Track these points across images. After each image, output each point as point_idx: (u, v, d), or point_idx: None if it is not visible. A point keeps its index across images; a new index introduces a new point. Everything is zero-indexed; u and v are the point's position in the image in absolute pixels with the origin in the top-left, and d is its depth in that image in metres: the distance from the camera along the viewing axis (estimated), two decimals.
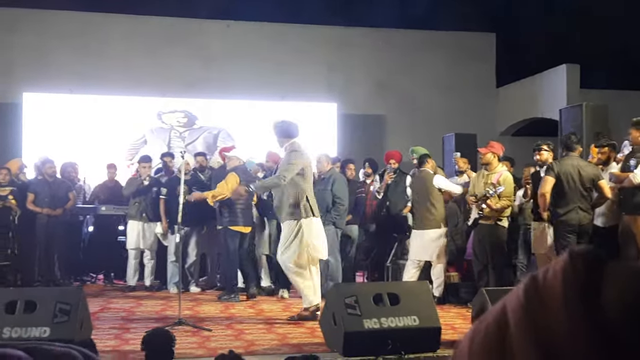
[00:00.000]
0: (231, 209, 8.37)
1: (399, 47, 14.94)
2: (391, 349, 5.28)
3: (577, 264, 0.55)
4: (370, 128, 14.60)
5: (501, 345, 0.57)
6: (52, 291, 6.02)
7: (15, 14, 13.57)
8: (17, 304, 5.13)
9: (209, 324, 6.87)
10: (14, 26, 13.42)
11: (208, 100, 13.92)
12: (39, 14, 13.71)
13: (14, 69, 13.30)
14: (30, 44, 13.42)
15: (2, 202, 9.15)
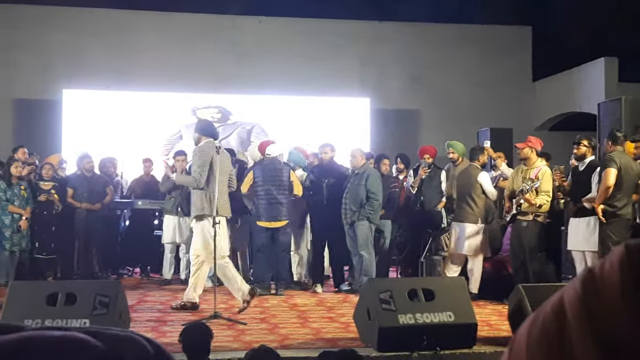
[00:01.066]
0: (257, 205, 8.50)
1: (433, 41, 14.84)
2: (426, 344, 5.27)
3: (635, 256, 0.56)
4: (404, 123, 14.54)
5: (559, 336, 0.58)
6: (92, 284, 6.12)
7: (54, 12, 13.79)
8: (58, 296, 5.24)
9: (244, 317, 6.91)
10: (53, 24, 13.65)
11: (241, 96, 14.00)
12: (76, 11, 13.92)
13: (53, 67, 13.52)
14: (69, 42, 13.64)
15: (46, 196, 9.33)
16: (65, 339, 0.69)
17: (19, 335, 0.68)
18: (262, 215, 8.53)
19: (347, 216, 8.52)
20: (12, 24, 13.58)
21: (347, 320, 6.57)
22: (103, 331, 0.72)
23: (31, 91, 13.48)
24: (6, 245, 8.83)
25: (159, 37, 13.99)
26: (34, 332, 0.70)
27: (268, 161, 8.64)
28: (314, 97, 13.96)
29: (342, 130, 13.31)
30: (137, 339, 0.72)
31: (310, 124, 13.51)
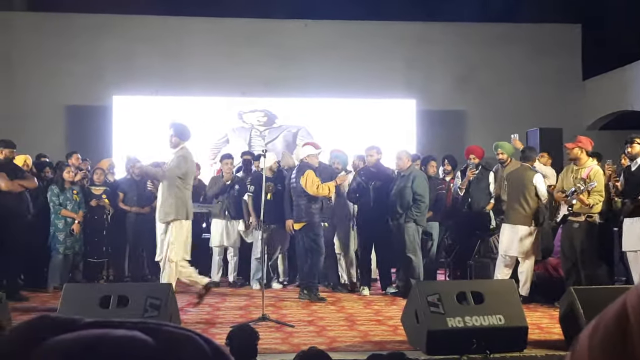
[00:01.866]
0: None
1: (479, 41, 14.69)
2: (476, 348, 5.22)
3: None
4: (450, 124, 14.42)
5: (622, 339, 0.59)
6: (143, 286, 6.23)
7: (105, 20, 14.08)
8: (111, 298, 5.34)
9: (291, 320, 6.94)
10: (103, 32, 13.93)
11: (287, 99, 14.07)
12: (126, 19, 14.19)
13: (104, 73, 13.79)
14: (119, 49, 13.90)
15: (97, 201, 9.53)
16: (125, 338, 0.70)
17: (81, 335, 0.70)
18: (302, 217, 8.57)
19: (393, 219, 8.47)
20: (63, 32, 13.91)
21: (395, 323, 6.54)
22: (159, 328, 0.73)
23: (82, 98, 13.77)
24: (60, 248, 9.04)
25: (207, 42, 14.16)
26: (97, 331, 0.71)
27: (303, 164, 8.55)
28: (360, 100, 13.94)
29: (388, 132, 13.26)
30: (195, 339, 0.73)
31: (356, 127, 13.49)
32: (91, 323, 0.73)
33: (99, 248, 9.56)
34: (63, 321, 0.73)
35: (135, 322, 0.74)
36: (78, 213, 9.16)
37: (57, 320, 0.73)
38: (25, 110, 13.49)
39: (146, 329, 0.72)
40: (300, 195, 8.33)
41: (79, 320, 0.74)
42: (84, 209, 9.33)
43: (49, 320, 0.73)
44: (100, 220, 9.58)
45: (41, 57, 13.77)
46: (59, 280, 8.88)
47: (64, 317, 0.74)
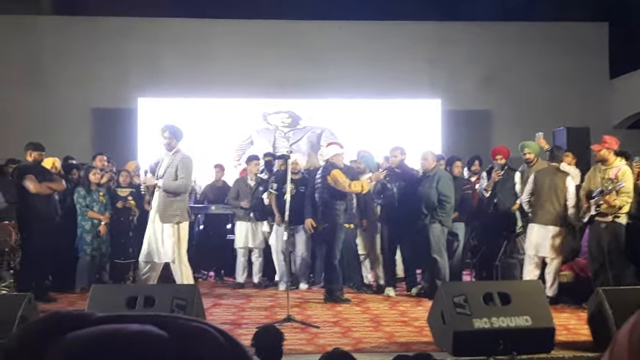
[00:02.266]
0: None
1: (505, 40, 14.59)
2: (503, 349, 5.18)
3: None
4: (476, 124, 14.34)
5: None
6: (169, 287, 6.26)
7: (130, 23, 14.21)
8: (137, 299, 5.38)
9: (317, 321, 6.95)
10: (128, 35, 14.06)
11: (311, 100, 14.09)
12: (151, 22, 14.30)
13: (129, 76, 13.93)
14: (143, 51, 14.02)
15: (123, 203, 9.60)
16: (140, 333, 0.70)
17: (97, 330, 0.70)
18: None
19: (419, 219, 8.44)
20: (90, 36, 14.06)
21: (421, 324, 6.52)
22: (173, 321, 0.73)
23: (108, 100, 13.91)
24: (87, 250, 9.13)
25: (231, 44, 14.23)
26: (112, 326, 0.72)
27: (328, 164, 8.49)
28: (384, 100, 13.91)
29: (413, 133, 13.22)
30: (209, 330, 0.73)
31: (381, 127, 13.47)
32: (103, 318, 0.74)
33: (125, 249, 9.61)
34: (76, 316, 0.74)
35: (149, 316, 0.74)
36: (104, 215, 9.24)
37: (71, 316, 0.74)
38: (53, 113, 13.67)
39: (159, 322, 0.73)
40: (325, 196, 8.30)
41: (91, 315, 0.74)
42: (110, 210, 9.41)
43: (63, 315, 0.74)
44: (127, 222, 9.64)
45: (68, 61, 13.94)
46: (86, 281, 8.97)
47: (77, 312, 0.75)
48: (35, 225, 8.12)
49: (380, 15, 14.18)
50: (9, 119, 13.38)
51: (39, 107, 13.64)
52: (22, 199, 8.22)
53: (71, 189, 9.27)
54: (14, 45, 13.92)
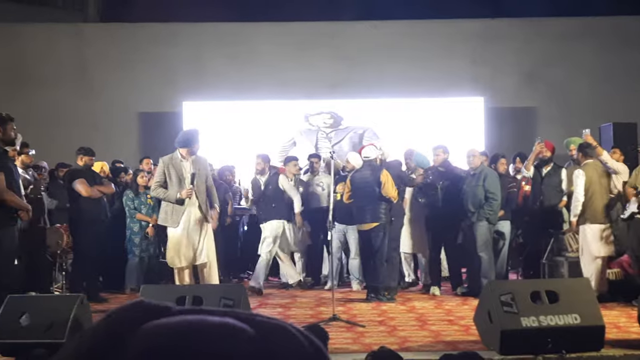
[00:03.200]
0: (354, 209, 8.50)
1: (550, 36, 14.39)
2: (551, 347, 5.14)
3: None
4: (520, 121, 14.17)
5: None
6: (217, 287, 6.36)
7: (174, 28, 14.44)
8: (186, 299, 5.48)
9: (362, 320, 6.97)
10: (173, 40, 14.28)
11: (353, 101, 14.09)
12: (195, 26, 14.50)
13: (175, 80, 14.14)
14: (188, 56, 14.22)
15: None
16: (223, 325, 0.71)
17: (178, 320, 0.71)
18: (354, 219, 8.55)
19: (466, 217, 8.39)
20: (135, 42, 14.33)
21: (468, 323, 6.49)
22: (252, 318, 0.73)
23: (154, 105, 14.14)
24: (136, 251, 9.31)
25: (274, 46, 14.33)
26: (193, 317, 0.72)
27: (365, 165, 8.51)
28: (426, 99, 13.85)
29: (456, 131, 13.14)
30: (289, 329, 0.74)
31: (423, 126, 13.42)
32: (183, 310, 0.73)
33: None
34: (157, 307, 0.73)
35: (226, 311, 0.74)
36: (152, 217, 9.41)
37: (152, 306, 0.74)
38: (101, 118, 13.95)
39: (238, 317, 0.72)
40: (369, 196, 8.29)
41: (172, 307, 0.74)
42: (157, 212, 9.57)
43: (144, 305, 0.74)
44: None
45: (115, 67, 14.21)
46: (135, 282, 9.16)
47: (158, 303, 0.75)
48: (85, 228, 8.32)
49: (422, 14, 14.14)
50: (59, 124, 13.71)
51: (88, 112, 13.94)
52: (73, 202, 8.44)
53: (119, 192, 9.47)
54: (64, 53, 14.26)
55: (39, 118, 13.26)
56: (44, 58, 14.18)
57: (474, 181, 8.38)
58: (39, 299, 5.89)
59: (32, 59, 14.18)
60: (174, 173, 7.13)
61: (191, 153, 7.26)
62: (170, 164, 7.20)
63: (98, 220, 8.50)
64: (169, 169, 7.17)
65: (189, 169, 7.17)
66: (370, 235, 8.26)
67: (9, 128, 6.13)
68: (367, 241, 8.33)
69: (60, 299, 6.11)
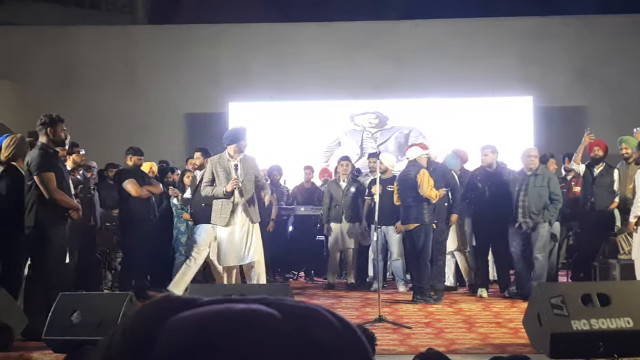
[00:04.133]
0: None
1: (602, 33, 14.08)
2: (603, 352, 5.01)
3: None
4: (570, 120, 13.90)
5: None
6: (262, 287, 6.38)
7: (221, 29, 14.57)
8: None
9: (408, 321, 6.91)
10: (219, 41, 14.42)
11: (399, 100, 14.02)
12: (240, 27, 14.61)
13: (220, 81, 14.27)
14: (234, 56, 14.34)
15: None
16: (251, 312, 0.71)
17: (205, 310, 0.72)
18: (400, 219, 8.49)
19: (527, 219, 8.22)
20: (182, 43, 14.50)
21: (516, 326, 6.39)
22: (282, 302, 0.73)
23: (200, 105, 14.30)
24: (182, 250, 9.39)
25: (318, 46, 14.35)
26: (219, 306, 0.72)
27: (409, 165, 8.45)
28: (473, 98, 13.70)
29: (504, 131, 12.97)
30: (323, 313, 0.73)
31: (470, 126, 13.28)
32: (212, 301, 0.74)
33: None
34: (185, 299, 0.75)
35: (257, 299, 0.74)
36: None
37: (181, 299, 0.75)
38: (149, 119, 14.16)
39: (269, 303, 0.73)
40: (411, 196, 8.24)
41: (199, 299, 0.75)
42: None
43: (173, 299, 0.75)
44: None
45: (163, 68, 14.41)
46: None
47: (186, 296, 0.76)
48: (134, 228, 8.43)
49: (469, 12, 14.00)
50: (107, 124, 13.95)
51: (135, 113, 14.16)
52: (123, 202, 8.55)
53: (167, 192, 9.57)
54: (112, 54, 14.52)
55: (88, 119, 13.50)
56: (93, 60, 14.46)
57: (537, 182, 8.20)
58: (90, 297, 5.99)
59: (82, 60, 14.47)
60: (222, 172, 7.17)
61: (239, 151, 7.27)
62: (218, 164, 7.24)
63: (146, 219, 8.58)
64: (217, 168, 7.21)
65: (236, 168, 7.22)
66: (413, 236, 8.21)
67: (59, 129, 6.24)
68: (411, 241, 8.28)
69: (110, 297, 6.21)
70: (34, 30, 14.98)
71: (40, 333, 5.31)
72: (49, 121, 6.21)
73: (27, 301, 6.03)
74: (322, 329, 0.71)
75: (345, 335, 0.73)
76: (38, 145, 6.20)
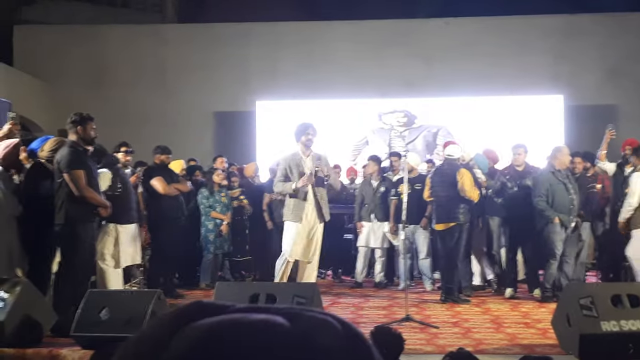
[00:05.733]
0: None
1: (633, 31, 13.86)
2: (633, 353, 4.95)
3: None
4: (601, 119, 13.67)
5: None
6: (290, 285, 6.40)
7: (249, 28, 14.62)
8: (259, 296, 5.53)
9: (435, 321, 6.88)
10: (248, 40, 14.47)
11: (427, 99, 13.95)
12: (269, 26, 14.65)
13: (249, 80, 14.32)
14: (262, 55, 14.38)
15: (238, 202, 9.93)
16: (261, 323, 0.71)
17: (219, 318, 0.72)
18: (434, 218, 8.43)
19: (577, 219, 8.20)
20: (212, 42, 14.58)
21: (545, 326, 6.33)
22: (301, 313, 0.74)
23: (229, 104, 14.36)
24: (210, 248, 9.46)
25: (347, 45, 14.32)
26: (235, 315, 0.73)
27: (445, 163, 8.44)
28: (503, 97, 13.59)
29: (534, 130, 12.83)
30: (331, 322, 0.73)
31: (499, 125, 13.16)
32: (240, 309, 0.75)
33: (242, 247, 10.00)
34: (214, 306, 0.75)
35: (280, 308, 0.74)
36: (226, 214, 9.54)
37: (209, 305, 0.75)
38: (178, 117, 14.26)
39: (289, 314, 0.73)
40: (447, 194, 8.18)
41: (230, 306, 0.75)
42: (231, 210, 9.71)
43: (201, 305, 0.75)
44: (241, 221, 9.98)
45: (192, 66, 14.50)
46: (210, 279, 9.31)
47: (216, 303, 0.76)
48: (164, 226, 8.48)
49: (499, 10, 13.90)
50: (137, 123, 14.07)
51: (165, 111, 14.27)
52: (152, 201, 8.61)
53: (195, 191, 9.63)
54: (143, 53, 14.66)
55: (119, 117, 13.64)
56: (123, 58, 14.60)
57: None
58: (118, 294, 6.06)
59: (112, 59, 14.62)
60: (295, 169, 7.22)
61: (305, 146, 7.33)
62: (292, 160, 7.29)
63: (175, 218, 8.64)
64: (290, 165, 7.25)
65: (309, 165, 7.26)
66: (445, 235, 8.14)
67: (88, 127, 6.31)
68: (443, 240, 8.23)
69: (138, 295, 6.26)
70: (66, 29, 15.16)
71: (69, 329, 5.37)
72: (79, 119, 6.28)
73: (56, 297, 6.11)
74: (326, 338, 0.71)
75: (350, 344, 0.73)
76: (68, 143, 6.28)
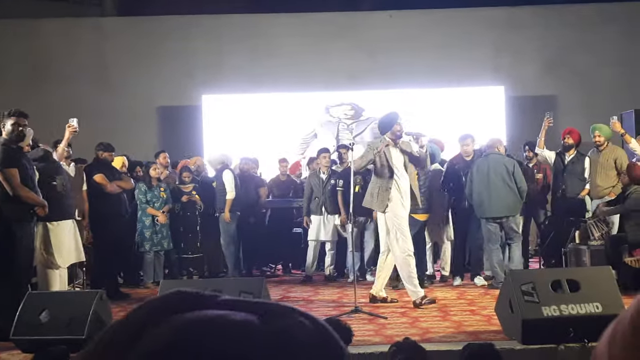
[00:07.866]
0: None
1: (571, 23, 14.18)
2: (573, 337, 5.07)
3: None
4: (541, 110, 13.93)
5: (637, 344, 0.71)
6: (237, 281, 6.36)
7: (192, 21, 14.42)
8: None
9: (384, 312, 6.93)
10: (191, 32, 14.27)
11: (374, 91, 14.00)
12: (213, 18, 14.48)
13: (194, 73, 14.14)
14: (207, 48, 14.21)
15: (188, 197, 9.78)
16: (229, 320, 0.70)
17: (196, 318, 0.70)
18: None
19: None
20: (153, 35, 14.33)
21: (490, 313, 6.44)
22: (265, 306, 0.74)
23: (173, 98, 14.16)
24: (146, 245, 9.25)
25: (292, 38, 14.25)
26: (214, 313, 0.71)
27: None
28: (447, 88, 13.74)
29: (477, 120, 13.02)
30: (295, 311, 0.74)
31: (444, 116, 13.32)
32: (225, 301, 0.73)
33: (193, 244, 9.78)
34: (196, 296, 0.73)
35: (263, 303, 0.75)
36: (164, 207, 9.35)
37: (190, 295, 0.73)
38: (120, 112, 13.95)
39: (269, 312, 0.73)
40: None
41: (214, 297, 0.74)
42: (170, 204, 9.54)
43: (183, 295, 0.73)
44: (193, 217, 9.80)
45: (133, 61, 14.23)
46: (153, 277, 9.18)
47: (199, 293, 0.74)
48: (105, 223, 8.28)
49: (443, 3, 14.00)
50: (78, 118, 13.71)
51: (107, 106, 13.95)
52: (94, 199, 8.39)
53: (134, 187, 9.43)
54: (81, 47, 14.31)
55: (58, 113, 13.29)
56: (63, 53, 14.25)
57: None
58: (59, 295, 5.92)
59: (51, 54, 14.25)
60: (383, 158, 7.17)
61: (394, 138, 7.25)
62: (376, 149, 7.24)
63: (118, 215, 8.46)
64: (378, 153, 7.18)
65: (395, 155, 7.21)
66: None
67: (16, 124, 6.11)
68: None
69: (79, 295, 6.15)
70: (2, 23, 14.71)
71: (8, 333, 5.22)
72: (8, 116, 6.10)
73: None
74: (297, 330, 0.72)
75: (319, 334, 0.73)
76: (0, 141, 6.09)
